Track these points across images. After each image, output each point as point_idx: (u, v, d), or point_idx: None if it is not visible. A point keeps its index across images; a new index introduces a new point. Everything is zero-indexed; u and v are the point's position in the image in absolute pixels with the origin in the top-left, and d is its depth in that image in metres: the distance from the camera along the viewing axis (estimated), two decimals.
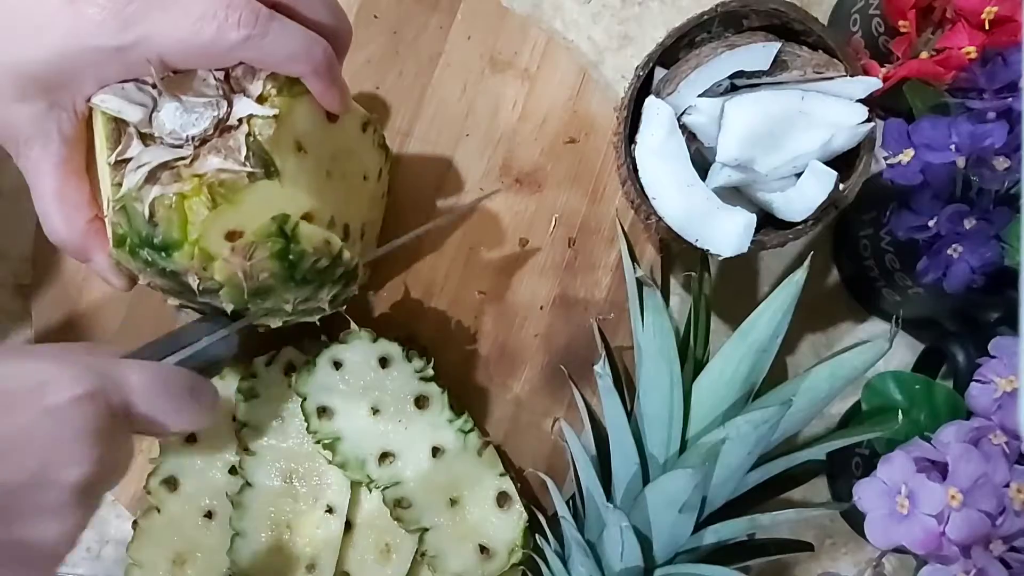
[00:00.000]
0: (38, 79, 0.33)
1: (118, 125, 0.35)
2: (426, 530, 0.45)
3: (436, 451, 0.46)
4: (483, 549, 0.45)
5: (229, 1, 0.32)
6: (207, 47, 0.32)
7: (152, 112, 0.35)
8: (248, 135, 0.35)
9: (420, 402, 0.46)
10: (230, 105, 0.35)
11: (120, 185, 0.35)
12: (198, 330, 0.40)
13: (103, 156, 0.36)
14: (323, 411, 0.45)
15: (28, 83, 0.33)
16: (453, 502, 0.45)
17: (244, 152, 0.35)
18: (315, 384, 0.45)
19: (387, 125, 0.52)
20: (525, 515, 0.45)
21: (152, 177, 0.34)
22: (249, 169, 0.34)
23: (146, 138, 0.35)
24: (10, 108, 0.34)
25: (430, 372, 0.46)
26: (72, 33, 0.32)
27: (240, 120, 0.35)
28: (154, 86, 0.35)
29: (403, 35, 0.52)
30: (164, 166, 0.34)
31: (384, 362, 0.46)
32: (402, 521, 0.45)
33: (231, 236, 0.36)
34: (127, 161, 0.35)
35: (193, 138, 0.34)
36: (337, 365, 0.46)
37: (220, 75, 0.35)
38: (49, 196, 0.36)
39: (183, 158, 0.34)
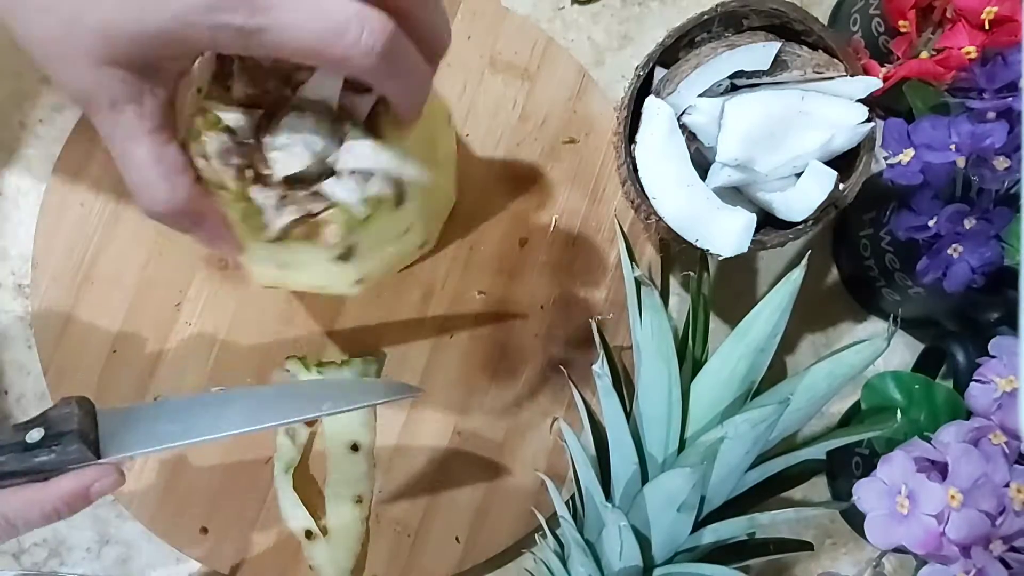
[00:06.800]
0: (141, 44, 0.31)
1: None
2: None
3: None
4: None
5: (366, 12, 0.30)
6: (336, 55, 0.30)
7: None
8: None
9: None
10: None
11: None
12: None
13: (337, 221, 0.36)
14: None
15: (126, 46, 0.31)
16: None
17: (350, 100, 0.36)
18: None
19: None
20: None
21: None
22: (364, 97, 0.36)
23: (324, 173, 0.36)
24: (99, 69, 0.31)
25: None
26: (194, 4, 0.29)
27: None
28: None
29: None
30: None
31: None
32: None
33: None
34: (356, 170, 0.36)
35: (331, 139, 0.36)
36: None
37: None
38: (148, 162, 0.33)
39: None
